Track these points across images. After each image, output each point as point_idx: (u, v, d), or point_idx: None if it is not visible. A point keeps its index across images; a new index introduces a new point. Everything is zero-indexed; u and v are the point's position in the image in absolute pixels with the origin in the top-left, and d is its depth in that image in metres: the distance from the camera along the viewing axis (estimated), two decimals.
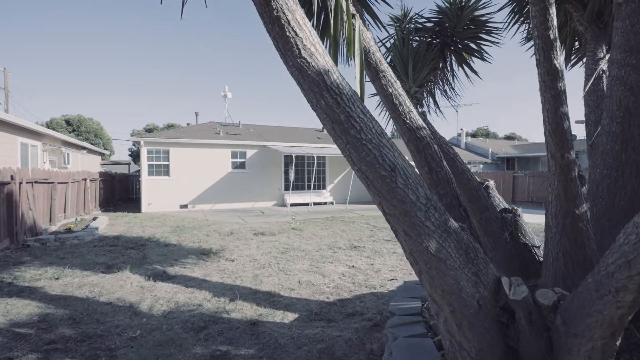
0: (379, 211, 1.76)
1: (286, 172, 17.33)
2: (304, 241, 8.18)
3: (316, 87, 1.54)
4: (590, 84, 3.79)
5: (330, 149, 17.50)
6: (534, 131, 59.56)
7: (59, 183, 9.67)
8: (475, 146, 28.60)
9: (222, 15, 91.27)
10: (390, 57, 5.20)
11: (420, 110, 5.16)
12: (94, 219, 10.75)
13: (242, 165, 16.36)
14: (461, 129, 29.80)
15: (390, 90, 2.25)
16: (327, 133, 1.65)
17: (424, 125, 2.31)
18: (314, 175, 17.07)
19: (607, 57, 3.63)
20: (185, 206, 15.08)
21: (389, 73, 2.27)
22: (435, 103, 5.44)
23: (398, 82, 2.28)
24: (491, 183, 3.44)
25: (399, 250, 7.25)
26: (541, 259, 3.09)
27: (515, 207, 3.28)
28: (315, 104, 1.58)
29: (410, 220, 1.61)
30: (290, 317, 3.88)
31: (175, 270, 5.66)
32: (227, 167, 15.96)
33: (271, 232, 9.23)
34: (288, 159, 17.25)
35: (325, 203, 17.77)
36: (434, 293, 1.71)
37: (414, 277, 5.18)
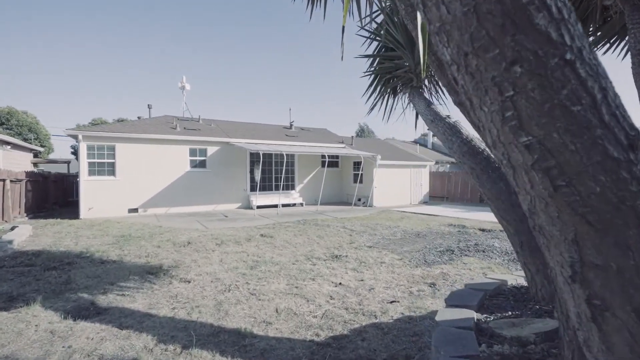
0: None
1: (252, 172, 15.94)
2: (276, 251, 7.01)
3: None
4: None
5: (299, 147, 16.38)
6: None
7: None
8: (441, 146, 28.94)
9: (181, 6, 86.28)
10: (383, 31, 4.26)
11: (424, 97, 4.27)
12: (12, 228, 8.72)
13: (202, 164, 14.71)
14: (427, 129, 30.03)
15: None
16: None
17: None
18: (282, 175, 15.86)
19: None
20: (135, 210, 13.17)
21: None
22: (438, 89, 4.59)
23: None
24: None
25: (387, 260, 6.35)
26: None
27: None
28: None
29: None
30: None
31: (108, 300, 4.25)
32: (185, 165, 14.24)
33: (237, 241, 7.93)
34: (254, 157, 15.87)
35: (294, 204, 16.61)
36: None
37: (420, 302, 4.23)
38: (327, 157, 15.99)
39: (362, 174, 17.08)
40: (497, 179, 2.84)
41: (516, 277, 3.13)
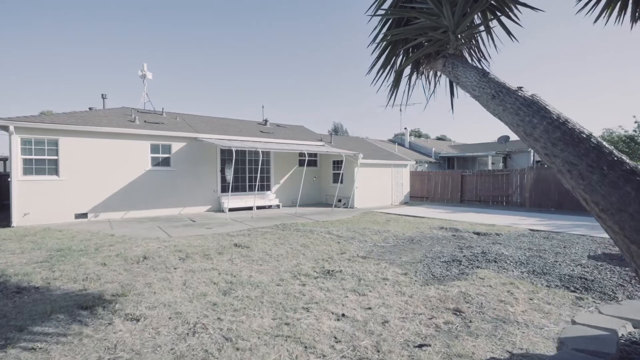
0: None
1: (223, 171, 14.42)
2: (255, 267, 5.75)
3: None
4: None
5: (276, 144, 15.07)
6: (462, 134, 64.17)
7: None
8: (419, 145, 28.68)
9: None
10: None
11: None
12: None
13: (166, 162, 13.02)
14: (405, 128, 29.72)
15: None
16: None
17: None
18: (257, 175, 14.48)
19: None
20: (84, 215, 11.29)
21: None
22: (481, 56, 3.59)
23: None
24: None
25: (389, 275, 5.31)
26: None
27: None
28: None
29: None
30: None
31: None
32: (145, 163, 12.50)
33: (205, 254, 6.57)
34: (225, 154, 14.36)
35: (270, 207, 15.29)
36: None
37: (459, 344, 3.06)
38: (305, 155, 14.81)
39: (342, 174, 16.08)
40: (619, 181, 1.83)
41: (618, 320, 2.17)
